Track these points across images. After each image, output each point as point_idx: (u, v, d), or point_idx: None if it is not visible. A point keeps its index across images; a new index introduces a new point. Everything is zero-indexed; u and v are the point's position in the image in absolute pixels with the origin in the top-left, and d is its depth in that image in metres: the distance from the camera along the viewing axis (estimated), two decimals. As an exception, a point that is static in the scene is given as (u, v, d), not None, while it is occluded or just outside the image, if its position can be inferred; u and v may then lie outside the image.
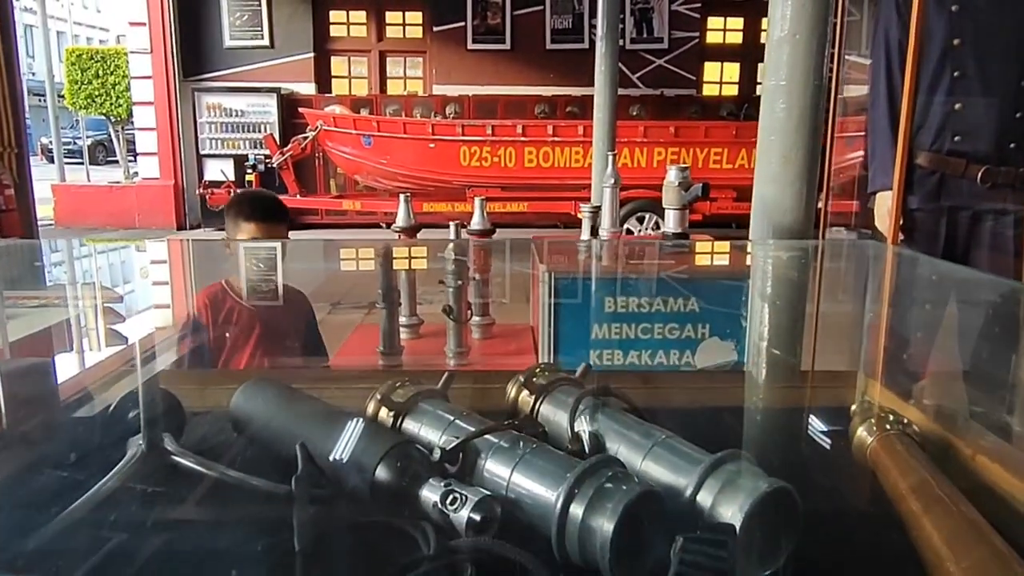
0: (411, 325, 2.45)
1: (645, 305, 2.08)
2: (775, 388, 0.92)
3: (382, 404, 0.73)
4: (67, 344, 1.28)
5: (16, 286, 1.74)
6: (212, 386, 0.96)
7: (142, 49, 8.95)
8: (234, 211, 2.05)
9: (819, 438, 0.80)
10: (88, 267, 1.80)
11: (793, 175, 2.38)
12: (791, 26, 2.32)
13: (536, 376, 0.79)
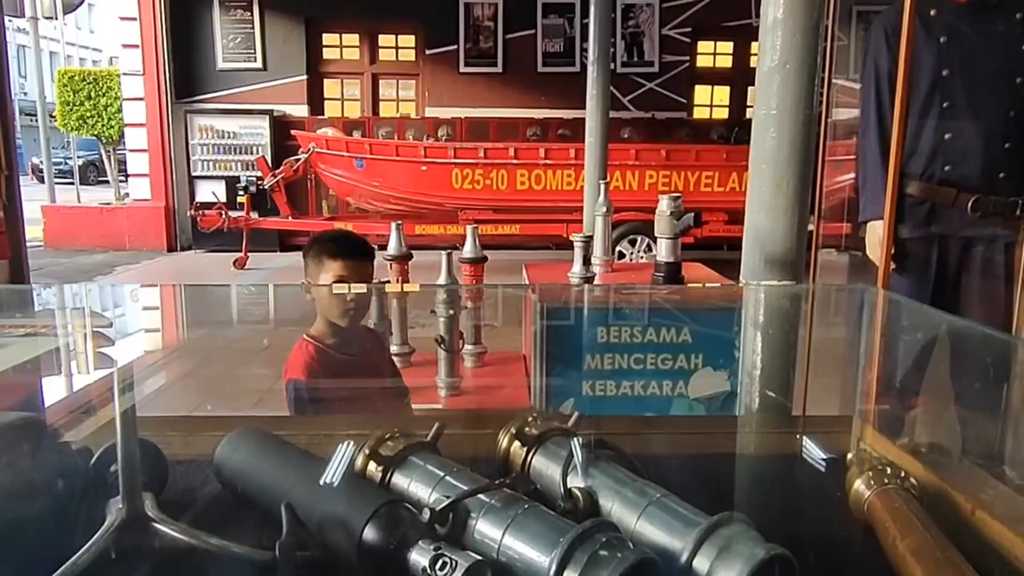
0: (403, 354, 2.43)
1: (637, 335, 2.07)
2: (769, 435, 0.90)
3: (371, 458, 0.71)
4: (49, 387, 1.25)
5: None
6: (197, 433, 0.94)
7: (135, 71, 8.96)
8: (317, 249, 1.97)
9: (815, 491, 0.78)
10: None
11: (785, 204, 2.38)
12: (781, 56, 2.33)
13: (528, 425, 0.78)
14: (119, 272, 7.99)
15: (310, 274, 2.01)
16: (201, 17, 9.18)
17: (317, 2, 9.27)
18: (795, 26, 2.29)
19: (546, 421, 0.78)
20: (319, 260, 1.95)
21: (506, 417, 0.78)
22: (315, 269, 1.97)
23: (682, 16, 9.39)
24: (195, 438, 0.90)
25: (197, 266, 8.37)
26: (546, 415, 0.80)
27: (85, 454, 0.78)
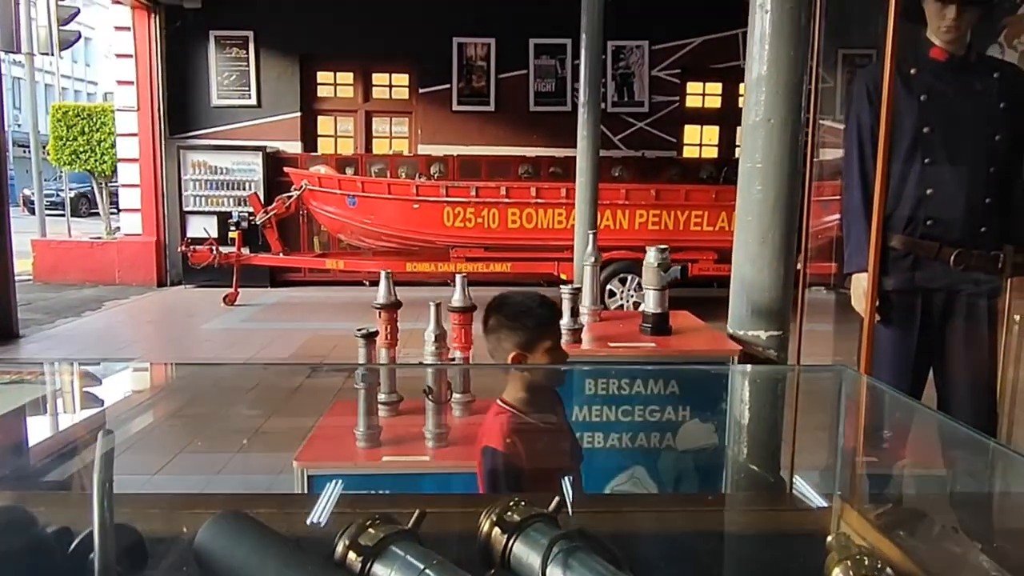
0: (390, 403, 2.42)
1: (625, 387, 2.08)
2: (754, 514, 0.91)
3: (350, 548, 0.71)
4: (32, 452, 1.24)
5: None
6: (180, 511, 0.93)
7: (129, 107, 9.02)
8: (497, 314, 1.88)
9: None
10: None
11: (771, 255, 2.42)
12: (765, 111, 2.38)
13: (510, 510, 0.78)
14: (108, 307, 7.96)
15: (488, 337, 1.93)
16: (196, 54, 9.28)
17: (312, 40, 9.38)
18: (779, 82, 2.34)
19: (528, 506, 0.78)
20: (499, 327, 1.87)
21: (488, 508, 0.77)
22: (495, 333, 1.89)
23: (672, 58, 9.56)
24: (177, 518, 0.89)
25: (187, 302, 8.34)
26: (528, 499, 0.80)
27: (64, 536, 0.77)
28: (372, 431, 2.14)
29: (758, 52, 2.40)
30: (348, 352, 6.17)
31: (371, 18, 9.27)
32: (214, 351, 6.05)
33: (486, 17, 9.36)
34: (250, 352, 6.01)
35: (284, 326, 7.04)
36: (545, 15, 9.34)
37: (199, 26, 9.17)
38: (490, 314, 1.87)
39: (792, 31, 2.33)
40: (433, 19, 9.31)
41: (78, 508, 1.02)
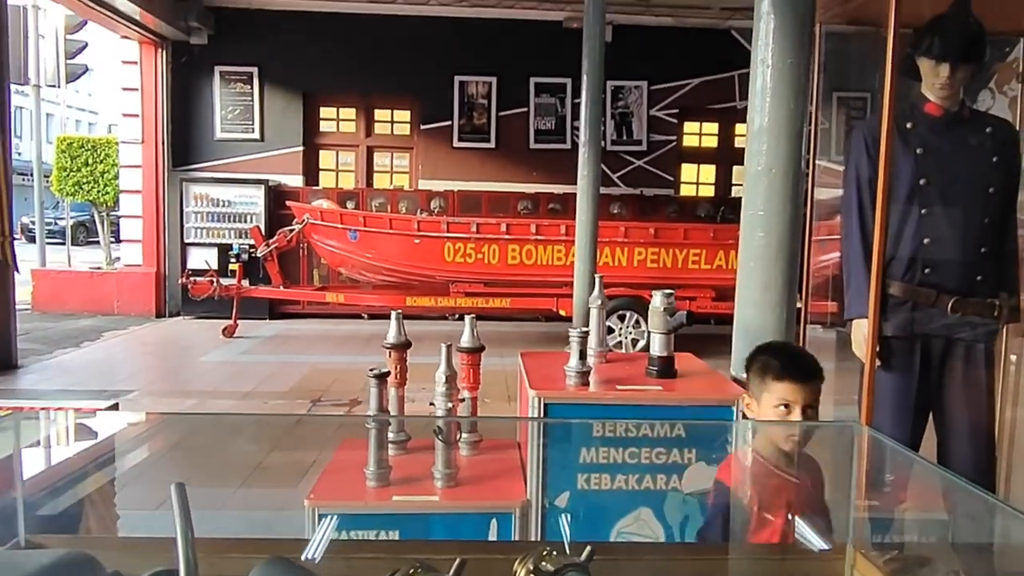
0: (399, 441, 2.45)
1: (632, 430, 2.12)
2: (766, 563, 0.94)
3: (394, 597, 0.75)
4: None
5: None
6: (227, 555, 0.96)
7: (134, 140, 9.13)
8: (761, 364, 1.87)
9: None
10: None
11: (774, 301, 2.48)
12: (767, 161, 2.46)
13: (544, 559, 0.82)
14: (107, 338, 7.96)
15: (751, 389, 1.90)
16: (201, 89, 9.42)
17: (316, 76, 9.54)
18: (780, 133, 2.43)
19: (561, 555, 0.82)
20: (762, 379, 1.84)
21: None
22: (758, 386, 1.86)
23: (669, 98, 9.74)
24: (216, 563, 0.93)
25: (185, 333, 8.35)
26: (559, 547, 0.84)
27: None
28: (382, 471, 2.16)
29: (759, 104, 2.49)
30: (348, 386, 6.22)
31: (374, 56, 9.44)
32: (213, 384, 6.06)
33: (487, 56, 9.55)
34: (249, 385, 6.01)
35: (283, 359, 7.06)
36: (546, 55, 9.54)
37: (205, 61, 9.32)
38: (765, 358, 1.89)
39: (792, 85, 2.43)
40: (435, 58, 9.49)
41: (133, 554, 1.05)
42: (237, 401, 5.58)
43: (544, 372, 2.32)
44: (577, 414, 2.11)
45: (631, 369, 2.41)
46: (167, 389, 5.91)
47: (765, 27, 2.46)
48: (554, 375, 2.29)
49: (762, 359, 1.87)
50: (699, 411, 2.13)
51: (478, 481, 2.26)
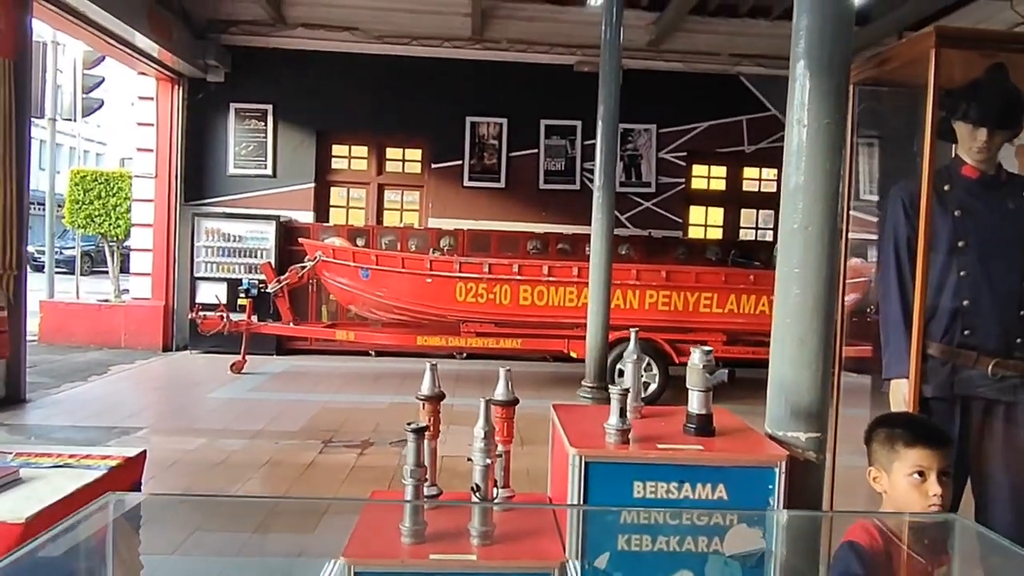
0: (432, 495, 2.42)
1: (673, 491, 2.09)
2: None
3: None
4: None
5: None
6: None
7: (147, 174, 9.19)
8: (887, 435, 1.89)
9: None
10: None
11: (810, 358, 2.47)
12: (803, 219, 2.47)
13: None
14: (114, 372, 7.92)
15: (878, 460, 1.90)
16: (216, 125, 9.51)
17: (329, 115, 9.65)
18: (817, 192, 2.44)
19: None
20: (891, 447, 1.85)
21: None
22: (886, 456, 1.86)
23: (678, 141, 9.85)
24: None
25: (193, 368, 8.32)
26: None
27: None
28: (418, 527, 2.13)
29: (795, 163, 2.51)
30: (359, 426, 6.17)
31: (386, 95, 9.57)
32: (222, 422, 6.01)
33: (499, 98, 9.67)
34: (259, 424, 5.97)
35: (292, 397, 7.01)
36: (556, 97, 9.67)
37: (221, 98, 9.43)
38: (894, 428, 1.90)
39: (829, 145, 2.45)
40: (447, 98, 9.62)
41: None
42: (247, 440, 5.53)
43: (581, 427, 2.30)
44: (618, 473, 2.09)
45: (668, 425, 2.40)
46: (175, 427, 5.86)
47: (800, 88, 2.49)
48: (591, 431, 2.27)
49: (885, 430, 1.88)
50: (742, 472, 2.11)
51: (515, 539, 2.22)
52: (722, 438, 2.28)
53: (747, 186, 10.24)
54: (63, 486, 2.18)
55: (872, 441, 1.95)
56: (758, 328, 7.29)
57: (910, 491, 1.81)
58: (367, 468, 4.99)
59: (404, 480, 2.25)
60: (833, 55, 2.44)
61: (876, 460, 1.92)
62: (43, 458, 2.44)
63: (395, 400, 6.99)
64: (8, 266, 6.29)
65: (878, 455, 1.91)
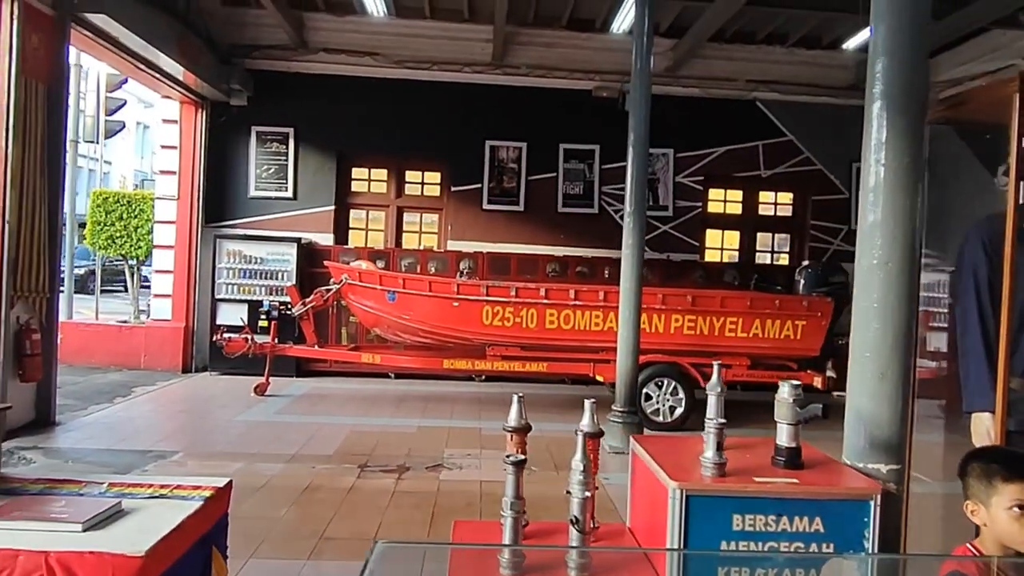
0: (518, 525, 2.45)
1: (772, 524, 2.13)
2: None
3: None
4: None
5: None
6: None
7: (170, 196, 9.25)
8: (982, 471, 1.92)
9: None
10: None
11: (890, 391, 2.52)
12: (882, 255, 2.53)
13: None
14: (138, 394, 7.92)
15: (975, 494, 1.94)
16: (238, 148, 9.59)
17: (349, 138, 9.75)
18: (896, 229, 2.51)
19: None
20: (988, 482, 1.89)
21: None
22: (984, 491, 1.90)
23: (695, 166, 9.96)
24: None
25: (215, 390, 8.32)
26: None
27: None
28: (517, 559, 2.16)
29: (873, 200, 2.57)
30: (391, 451, 6.18)
31: (406, 119, 9.67)
32: (255, 446, 6.02)
33: (518, 122, 9.78)
34: (292, 448, 5.98)
35: (319, 420, 7.02)
36: (575, 122, 9.79)
37: (243, 121, 9.52)
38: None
39: (907, 183, 2.51)
40: (467, 122, 9.73)
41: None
42: (283, 464, 5.55)
43: (674, 460, 2.34)
44: (718, 507, 2.13)
45: (754, 458, 2.44)
46: (209, 451, 5.86)
47: (878, 128, 2.55)
48: (685, 464, 2.31)
49: (980, 465, 1.93)
50: (838, 505, 2.16)
51: (609, 570, 2.26)
52: (811, 471, 2.33)
53: (763, 210, 10.35)
54: (167, 517, 2.21)
55: (968, 476, 2.00)
56: (782, 352, 7.36)
57: (1011, 524, 1.86)
58: (408, 493, 5.01)
59: (504, 512, 2.29)
60: (911, 96, 2.51)
61: (973, 494, 1.97)
62: (136, 488, 2.46)
63: (423, 424, 7.00)
64: (41, 289, 6.33)
65: (975, 489, 1.96)
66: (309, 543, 4.09)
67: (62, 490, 2.43)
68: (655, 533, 2.35)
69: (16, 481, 2.52)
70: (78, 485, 2.47)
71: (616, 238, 9.79)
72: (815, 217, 10.11)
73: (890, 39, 2.55)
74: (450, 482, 5.27)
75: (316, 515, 4.52)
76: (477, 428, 6.90)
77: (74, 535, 2.02)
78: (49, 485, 2.47)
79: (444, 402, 8.09)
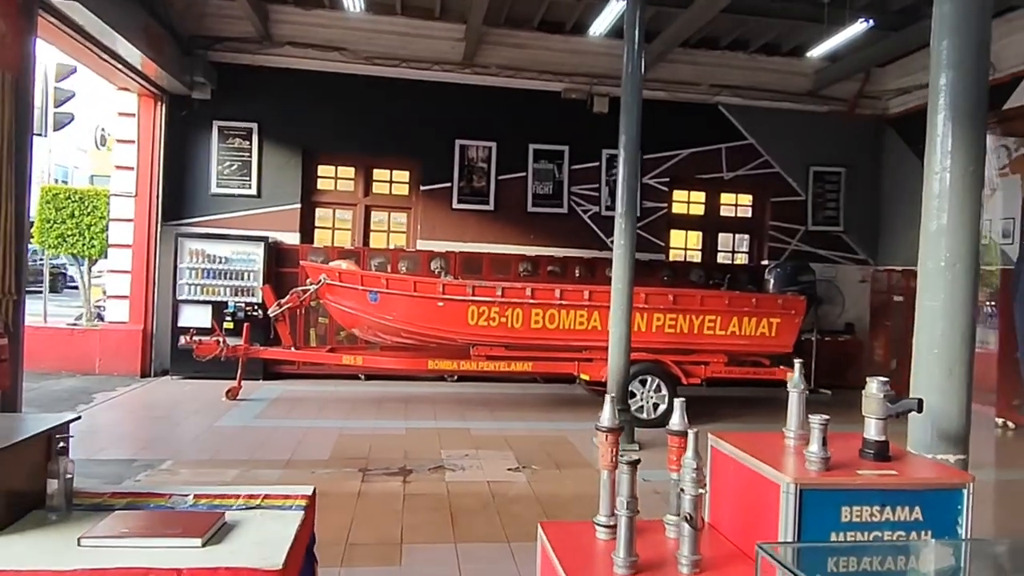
0: (609, 526, 2.48)
1: (876, 514, 2.23)
2: None
3: None
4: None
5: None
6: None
7: (127, 192, 8.84)
8: None
9: None
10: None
11: (957, 386, 2.68)
12: (950, 257, 2.67)
13: None
14: (101, 400, 7.56)
15: None
16: (199, 143, 9.26)
17: (316, 135, 9.54)
18: (962, 233, 2.66)
19: None
20: None
21: None
22: None
23: (661, 167, 10.18)
24: None
25: (182, 395, 8.00)
26: None
27: None
28: (632, 559, 2.20)
29: (937, 206, 2.71)
30: (387, 453, 6.11)
31: (375, 116, 9.54)
32: (246, 452, 5.84)
33: (488, 122, 9.78)
34: (285, 454, 5.83)
35: (302, 424, 6.86)
36: (545, 123, 9.86)
37: (205, 116, 9.19)
38: None
39: (970, 189, 2.67)
40: (436, 121, 9.66)
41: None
42: (281, 471, 5.41)
43: (771, 455, 2.41)
44: (829, 500, 2.21)
45: (843, 452, 2.53)
46: (199, 458, 5.65)
47: (943, 138, 2.69)
48: (783, 459, 2.39)
49: None
50: (935, 495, 2.27)
51: (720, 566, 2.32)
52: (901, 463, 2.44)
53: (724, 211, 10.66)
54: (276, 528, 2.15)
55: None
56: (758, 349, 7.61)
57: None
58: (419, 496, 4.96)
59: (619, 512, 2.31)
60: (976, 108, 2.67)
61: None
62: (224, 500, 2.38)
63: (411, 426, 6.93)
64: (7, 291, 5.95)
65: None
66: (336, 550, 4.01)
67: (150, 503, 2.32)
68: (752, 527, 2.42)
69: (96, 496, 2.40)
70: (163, 498, 2.37)
71: (586, 238, 9.96)
72: (774, 218, 10.48)
73: (955, 54, 2.69)
74: (457, 483, 5.25)
75: (333, 521, 4.42)
76: (466, 428, 6.88)
77: (194, 551, 1.94)
78: (133, 499, 2.36)
79: (424, 403, 8.02)
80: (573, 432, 6.85)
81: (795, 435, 2.63)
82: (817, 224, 10.51)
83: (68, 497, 2.25)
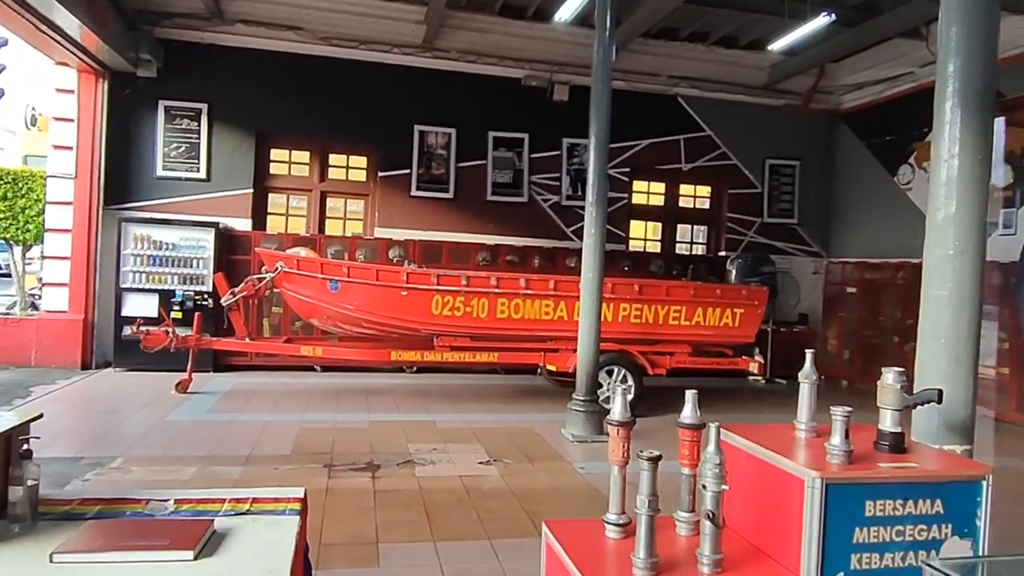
0: (621, 524, 2.37)
1: (899, 508, 2.18)
2: None
3: None
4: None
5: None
6: None
7: (66, 174, 8.33)
8: None
9: None
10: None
11: (964, 374, 2.65)
12: (958, 247, 2.64)
13: None
14: (40, 394, 7.12)
15: None
16: (143, 123, 8.80)
17: (269, 117, 9.17)
18: (971, 222, 2.63)
19: None
20: None
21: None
22: None
23: (621, 157, 10.14)
24: None
25: (128, 388, 7.60)
26: None
27: None
28: (653, 560, 2.09)
29: (944, 194, 2.68)
30: (351, 448, 5.91)
31: (331, 99, 9.23)
32: (202, 448, 5.54)
33: (448, 107, 9.57)
34: (244, 449, 5.56)
35: (260, 417, 6.57)
36: (505, 110, 9.70)
37: (150, 95, 8.73)
38: None
39: (979, 178, 2.64)
40: (395, 106, 9.40)
41: None
42: (242, 467, 5.15)
43: (791, 449, 2.34)
44: (853, 494, 2.14)
45: (858, 445, 2.48)
46: (152, 455, 5.33)
47: (951, 126, 2.66)
48: (801, 452, 2.32)
49: None
50: (955, 487, 2.23)
51: (740, 564, 2.23)
52: (917, 455, 2.40)
53: (683, 202, 10.71)
54: (271, 536, 1.97)
55: None
56: (722, 339, 7.64)
57: None
58: (390, 492, 4.78)
59: (638, 510, 2.19)
60: (984, 97, 2.63)
61: None
62: (208, 505, 2.18)
63: (373, 419, 6.72)
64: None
65: None
66: (310, 551, 3.80)
67: (126, 511, 2.10)
68: (768, 523, 2.34)
69: (63, 503, 2.16)
70: (140, 504, 2.15)
71: (546, 228, 9.86)
72: (731, 210, 10.57)
73: (964, 41, 2.66)
74: (428, 478, 5.08)
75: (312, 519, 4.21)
76: (431, 421, 6.71)
77: (186, 564, 1.75)
78: (106, 506, 2.13)
79: (384, 395, 7.81)
80: (540, 424, 6.75)
81: (807, 427, 2.57)
82: (772, 216, 10.65)
83: (34, 506, 2.01)
